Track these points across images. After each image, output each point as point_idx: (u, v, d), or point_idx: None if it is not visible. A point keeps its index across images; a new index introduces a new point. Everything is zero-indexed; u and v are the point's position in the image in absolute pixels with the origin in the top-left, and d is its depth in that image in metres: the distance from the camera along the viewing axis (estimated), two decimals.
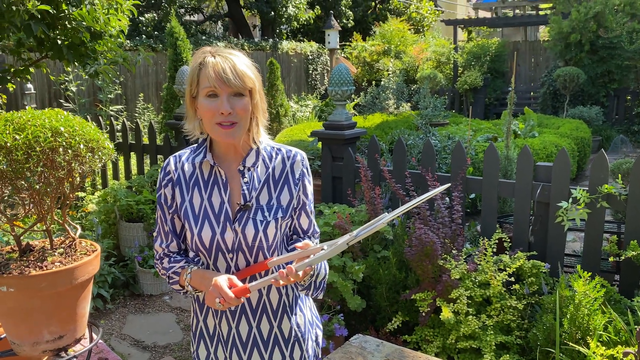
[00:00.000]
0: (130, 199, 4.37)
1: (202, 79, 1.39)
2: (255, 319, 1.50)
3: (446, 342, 2.63)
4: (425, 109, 8.04)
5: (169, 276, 1.51)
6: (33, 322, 1.58)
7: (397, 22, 15.32)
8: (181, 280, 1.49)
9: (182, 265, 1.48)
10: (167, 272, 1.50)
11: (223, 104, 1.37)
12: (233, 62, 1.39)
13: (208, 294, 1.36)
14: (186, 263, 1.48)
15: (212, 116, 1.39)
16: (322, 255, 1.32)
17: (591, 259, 2.83)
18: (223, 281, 1.34)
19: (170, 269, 1.49)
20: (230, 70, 1.37)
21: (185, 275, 1.45)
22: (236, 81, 1.37)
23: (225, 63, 1.38)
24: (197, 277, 1.44)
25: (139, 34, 11.78)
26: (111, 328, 3.63)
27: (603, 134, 9.95)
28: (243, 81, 1.39)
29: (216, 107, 1.38)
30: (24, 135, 1.37)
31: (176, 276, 1.49)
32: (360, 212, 3.25)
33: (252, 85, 1.42)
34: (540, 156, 6.28)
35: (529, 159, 2.94)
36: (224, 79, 1.36)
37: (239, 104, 1.39)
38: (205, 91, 1.39)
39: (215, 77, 1.36)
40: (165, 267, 1.50)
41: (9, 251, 1.70)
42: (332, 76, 3.71)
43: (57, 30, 3.31)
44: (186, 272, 1.46)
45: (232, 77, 1.36)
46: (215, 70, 1.37)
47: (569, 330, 2.36)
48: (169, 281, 1.52)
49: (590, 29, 10.28)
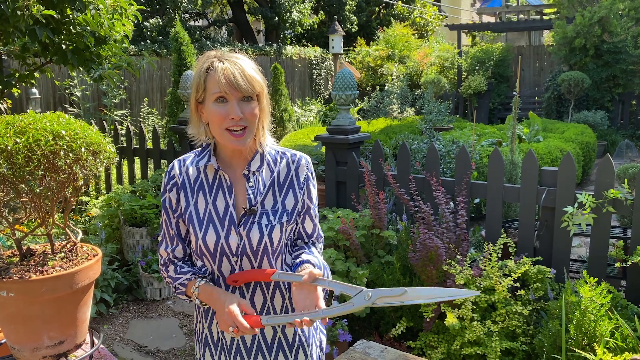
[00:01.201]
0: (134, 204, 4.37)
1: (210, 84, 1.38)
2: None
3: (451, 348, 2.60)
4: (430, 113, 8.03)
5: (176, 287, 1.50)
6: (33, 327, 1.57)
7: (401, 27, 15.33)
8: (188, 292, 1.48)
9: (189, 278, 1.47)
10: (173, 282, 1.49)
11: (234, 109, 1.37)
12: (241, 67, 1.38)
13: (222, 321, 1.37)
14: (193, 275, 1.47)
15: (222, 121, 1.38)
16: (334, 312, 1.32)
17: (597, 265, 2.80)
18: (236, 309, 1.35)
19: (177, 279, 1.48)
20: (240, 75, 1.36)
21: (193, 289, 1.45)
22: (246, 86, 1.37)
23: (234, 68, 1.37)
24: (204, 293, 1.44)
25: (143, 39, 11.83)
26: (114, 333, 3.62)
27: (608, 138, 9.90)
28: (252, 85, 1.38)
29: (226, 112, 1.37)
30: (25, 138, 1.36)
31: (183, 287, 1.49)
32: (364, 217, 3.24)
33: (260, 90, 1.42)
34: (545, 161, 6.24)
35: (534, 163, 2.92)
36: (234, 84, 1.35)
37: (248, 108, 1.39)
38: (214, 96, 1.38)
39: (226, 82, 1.35)
40: (172, 277, 1.49)
41: (10, 255, 1.69)
42: (336, 80, 3.70)
43: (61, 35, 3.32)
44: (193, 285, 1.45)
45: (242, 82, 1.36)
46: (225, 75, 1.36)
47: (575, 336, 2.33)
48: (175, 291, 1.51)
49: (595, 33, 10.26)
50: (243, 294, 1.47)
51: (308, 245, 1.56)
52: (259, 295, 1.48)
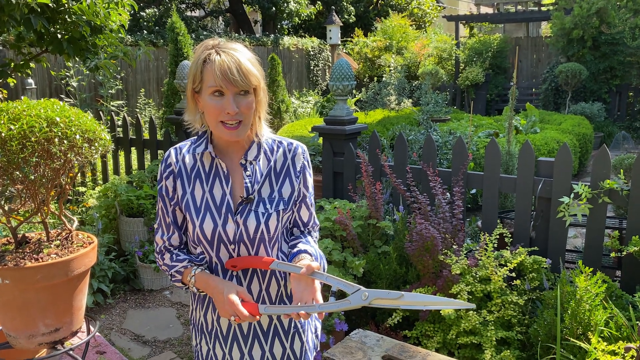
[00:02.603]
0: (131, 194, 4.36)
1: (206, 77, 1.37)
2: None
3: (447, 338, 2.61)
4: (427, 105, 8.01)
5: (171, 274, 1.50)
6: (28, 314, 1.57)
7: (398, 18, 15.26)
8: (184, 280, 1.49)
9: (185, 265, 1.47)
10: (169, 270, 1.50)
11: (230, 104, 1.36)
12: (238, 60, 1.37)
13: (222, 309, 1.38)
14: (189, 263, 1.47)
15: (218, 115, 1.38)
16: (330, 308, 1.33)
17: (593, 255, 2.81)
18: (236, 298, 1.36)
19: (173, 267, 1.49)
20: (236, 70, 1.35)
21: (189, 277, 1.46)
22: (243, 81, 1.36)
23: (231, 61, 1.36)
24: (201, 281, 1.45)
25: (140, 29, 11.76)
26: (111, 323, 3.62)
27: (605, 130, 9.91)
28: (249, 80, 1.38)
29: (222, 106, 1.37)
30: (19, 125, 1.35)
31: (179, 275, 1.49)
32: (361, 208, 3.24)
33: (257, 83, 1.41)
34: (542, 152, 6.25)
35: (530, 153, 2.92)
36: (230, 79, 1.34)
37: (244, 102, 1.39)
38: (210, 90, 1.37)
39: (222, 76, 1.34)
40: (167, 265, 1.50)
41: (5, 243, 1.68)
42: (333, 71, 3.69)
43: (57, 24, 3.29)
44: (189, 273, 1.46)
45: (239, 78, 1.35)
46: (221, 69, 1.35)
47: (570, 325, 2.34)
48: (171, 278, 1.52)
49: (593, 25, 10.23)
50: (240, 281, 1.47)
51: (304, 234, 1.57)
52: (255, 284, 1.49)
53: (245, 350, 1.51)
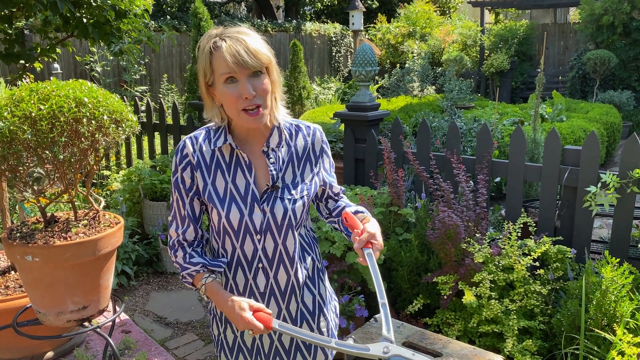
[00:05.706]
0: (154, 178, 4.41)
1: (217, 65, 1.35)
2: (284, 300, 1.50)
3: (467, 326, 2.60)
4: (451, 92, 7.91)
5: (183, 275, 1.48)
6: (57, 292, 1.61)
7: (422, 3, 15.02)
8: (195, 283, 1.47)
9: (197, 270, 1.45)
10: (181, 270, 1.47)
11: (245, 88, 1.34)
12: (245, 42, 1.35)
13: (237, 324, 1.35)
14: (202, 267, 1.45)
15: (236, 102, 1.35)
16: (345, 349, 1.24)
17: (619, 245, 2.76)
18: (250, 315, 1.32)
19: (185, 269, 1.46)
20: (244, 51, 1.33)
21: (200, 285, 1.44)
22: (253, 61, 1.33)
23: (237, 45, 1.33)
24: (211, 292, 1.43)
25: (163, 14, 11.82)
26: (135, 304, 3.69)
27: (634, 119, 9.66)
28: (259, 59, 1.35)
29: (238, 92, 1.34)
30: (49, 105, 1.37)
31: (190, 278, 1.47)
32: (382, 195, 3.22)
33: (268, 61, 1.38)
34: (568, 141, 6.13)
35: (557, 141, 2.86)
36: (241, 62, 1.32)
37: (259, 83, 1.36)
38: (223, 77, 1.35)
39: (232, 60, 1.32)
40: (180, 264, 1.47)
41: (35, 222, 1.72)
42: (356, 56, 3.65)
43: (82, 8, 3.32)
44: (201, 281, 1.43)
45: (249, 58, 1.32)
46: (230, 53, 1.32)
47: (594, 316, 2.31)
48: (182, 278, 1.49)
49: (624, 10, 9.94)
50: (258, 300, 1.47)
51: (340, 198, 1.63)
52: (273, 305, 1.48)
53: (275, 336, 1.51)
